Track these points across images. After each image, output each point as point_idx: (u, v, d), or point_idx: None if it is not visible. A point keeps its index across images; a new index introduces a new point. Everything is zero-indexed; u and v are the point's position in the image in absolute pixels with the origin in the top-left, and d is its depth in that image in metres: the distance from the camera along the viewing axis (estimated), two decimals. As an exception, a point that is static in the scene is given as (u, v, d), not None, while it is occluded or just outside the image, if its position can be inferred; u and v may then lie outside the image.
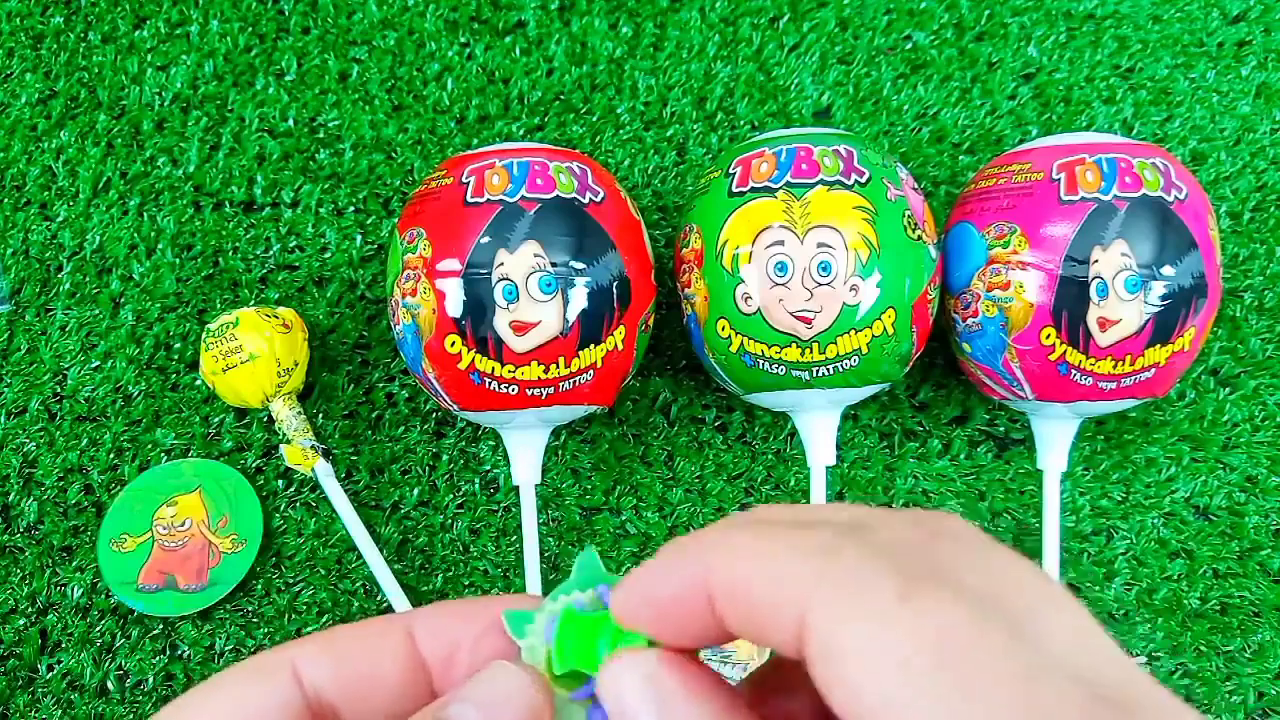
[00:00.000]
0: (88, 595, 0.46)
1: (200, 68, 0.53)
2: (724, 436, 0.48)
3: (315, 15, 0.54)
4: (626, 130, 0.52)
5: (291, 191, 0.51)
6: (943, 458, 0.48)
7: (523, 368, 0.40)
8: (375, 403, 0.49)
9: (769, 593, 0.15)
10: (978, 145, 0.52)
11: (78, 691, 0.45)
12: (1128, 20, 0.54)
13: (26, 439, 0.48)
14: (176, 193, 0.51)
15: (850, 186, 0.40)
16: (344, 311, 0.50)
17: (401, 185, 0.52)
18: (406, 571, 0.47)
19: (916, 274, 0.40)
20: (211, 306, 0.50)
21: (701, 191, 0.43)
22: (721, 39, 0.54)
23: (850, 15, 0.54)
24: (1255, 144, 0.52)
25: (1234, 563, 0.47)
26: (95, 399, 0.49)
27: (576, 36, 0.54)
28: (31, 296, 0.50)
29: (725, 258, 0.40)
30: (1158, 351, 0.40)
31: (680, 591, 0.16)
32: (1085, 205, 0.39)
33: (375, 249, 0.51)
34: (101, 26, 0.54)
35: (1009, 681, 0.12)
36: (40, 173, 0.52)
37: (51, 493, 0.47)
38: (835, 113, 0.53)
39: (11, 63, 0.54)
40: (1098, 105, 0.53)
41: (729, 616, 0.16)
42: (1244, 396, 0.48)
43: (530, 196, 0.40)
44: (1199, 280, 0.39)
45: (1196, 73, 0.53)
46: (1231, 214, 0.51)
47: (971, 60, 0.53)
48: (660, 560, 0.17)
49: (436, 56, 0.53)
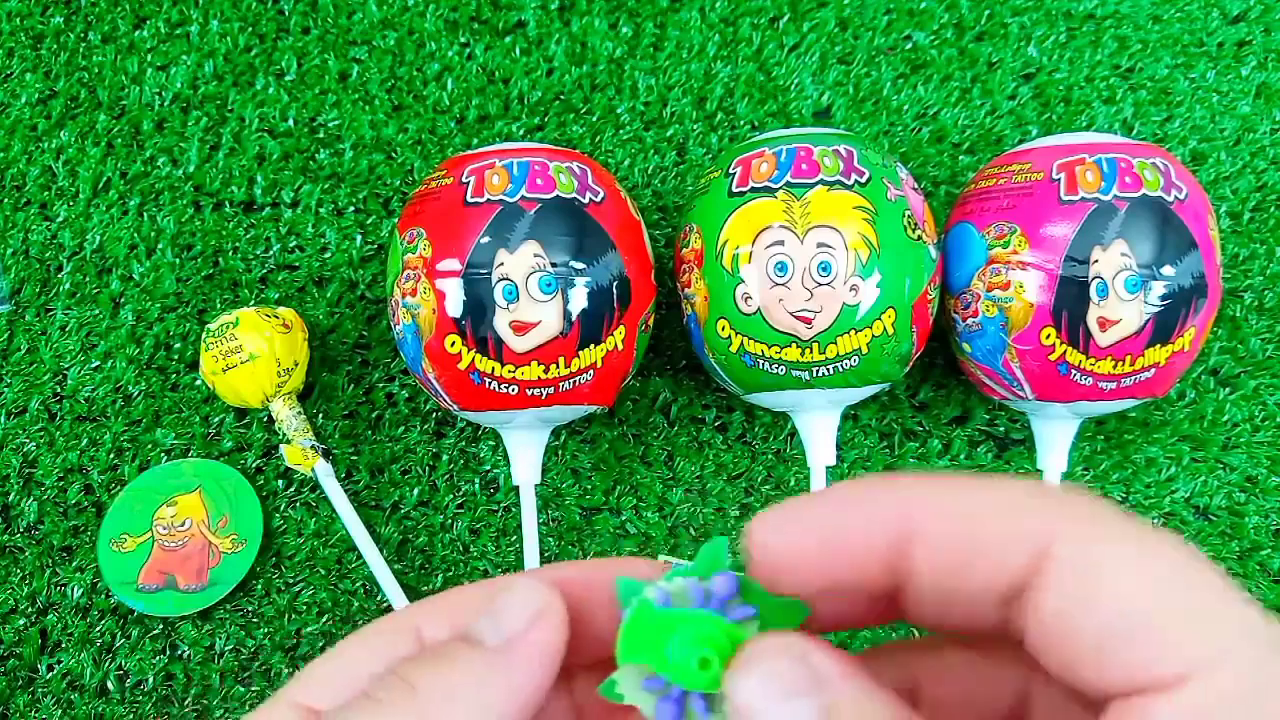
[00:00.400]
0: (88, 595, 0.46)
1: (200, 68, 0.53)
2: (724, 436, 0.49)
3: (315, 15, 0.54)
4: (626, 130, 0.52)
5: (291, 191, 0.51)
6: (943, 458, 0.48)
7: (523, 368, 0.40)
8: (375, 403, 0.49)
9: (1006, 526, 0.14)
10: (978, 145, 0.52)
11: (78, 691, 0.45)
12: (1128, 20, 0.54)
13: (26, 439, 0.48)
14: (176, 193, 0.51)
15: (850, 186, 0.40)
16: (344, 311, 0.50)
17: (401, 185, 0.52)
18: (406, 571, 0.47)
19: (916, 274, 0.40)
20: (211, 306, 0.50)
21: (701, 191, 0.43)
22: (721, 39, 0.54)
23: (850, 15, 0.54)
24: (1255, 144, 0.52)
25: (1234, 563, 0.47)
26: (95, 399, 0.49)
27: (576, 36, 0.54)
28: (31, 296, 0.50)
29: (725, 258, 0.40)
30: (1158, 351, 0.40)
31: (861, 528, 0.15)
32: (1085, 205, 0.39)
33: (375, 249, 0.51)
34: (101, 26, 0.54)
35: (1246, 603, 0.13)
36: (40, 173, 0.52)
37: (51, 493, 0.47)
38: (835, 113, 0.53)
39: (11, 63, 0.54)
40: (1098, 105, 0.53)
41: (930, 559, 0.15)
42: (1244, 396, 0.48)
43: (530, 196, 0.40)
44: (1199, 280, 0.39)
45: (1196, 73, 0.53)
46: (1231, 214, 0.51)
47: (971, 60, 0.53)
48: (836, 494, 0.16)
49: (436, 56, 0.53)
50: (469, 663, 0.16)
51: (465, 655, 0.17)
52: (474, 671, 0.16)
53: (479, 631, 0.17)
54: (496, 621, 0.17)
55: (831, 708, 0.14)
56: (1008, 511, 0.14)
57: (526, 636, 0.17)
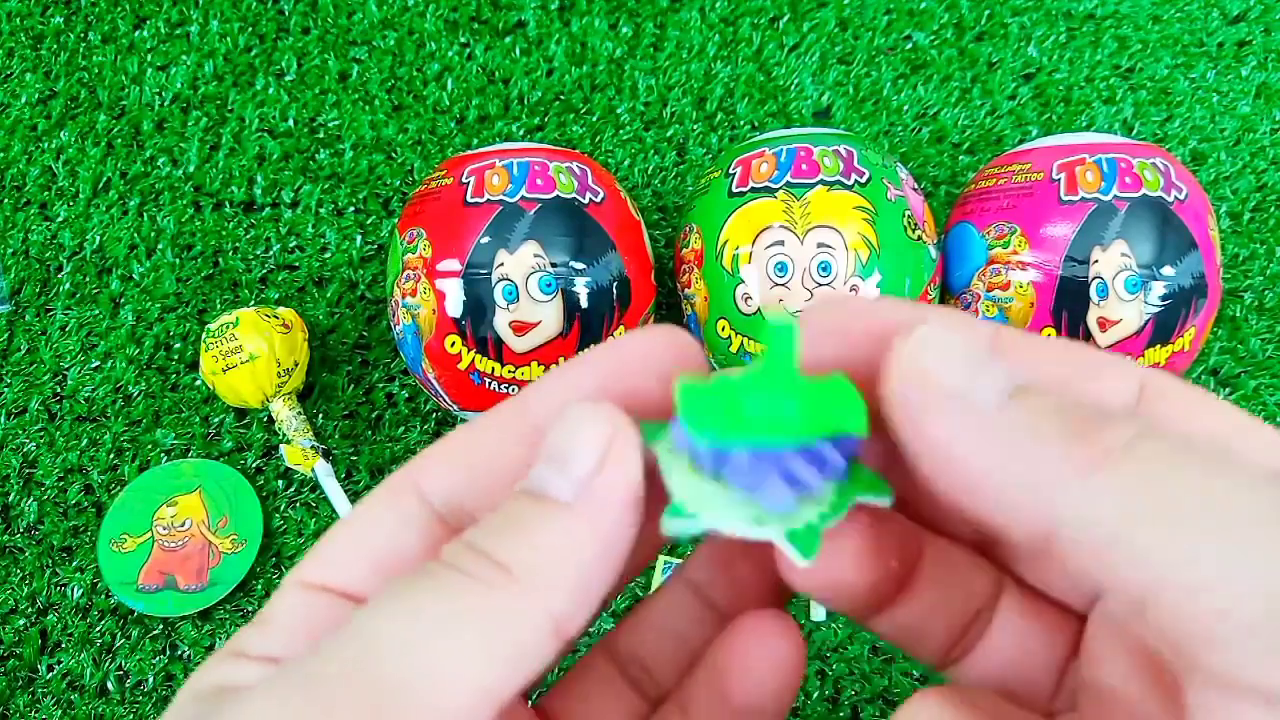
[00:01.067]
0: (88, 595, 0.46)
1: (200, 68, 0.53)
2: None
3: (315, 15, 0.54)
4: (626, 130, 0.52)
5: (291, 191, 0.51)
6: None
7: (523, 368, 0.40)
8: (375, 403, 0.49)
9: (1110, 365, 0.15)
10: (978, 145, 0.52)
11: (78, 692, 0.45)
12: (1128, 20, 0.54)
13: (26, 439, 0.48)
14: (176, 193, 0.51)
15: (850, 186, 0.40)
16: (344, 311, 0.50)
17: (401, 185, 0.52)
18: (406, 571, 0.47)
19: (916, 274, 0.40)
20: (211, 306, 0.50)
21: (701, 192, 0.43)
22: (721, 39, 0.54)
23: (850, 15, 0.54)
24: (1255, 144, 0.52)
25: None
26: (95, 399, 0.49)
27: (576, 36, 0.54)
28: (31, 296, 0.50)
29: (725, 258, 0.40)
30: (1158, 352, 0.40)
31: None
32: (1085, 205, 0.39)
33: (375, 249, 0.51)
34: (101, 26, 0.54)
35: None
36: (40, 173, 0.52)
37: (51, 493, 0.47)
38: (835, 113, 0.53)
39: (11, 63, 0.54)
40: (1098, 105, 0.53)
41: None
42: (1244, 396, 0.48)
43: (530, 197, 0.40)
44: (1199, 280, 0.39)
45: (1196, 73, 0.53)
46: (1231, 214, 0.51)
47: (971, 60, 0.53)
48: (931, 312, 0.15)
49: (436, 56, 0.53)
50: (550, 525, 0.13)
51: (543, 516, 0.14)
52: (555, 532, 0.13)
53: (542, 483, 0.14)
54: (563, 467, 0.14)
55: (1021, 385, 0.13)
56: (1099, 363, 0.14)
57: (602, 479, 0.14)
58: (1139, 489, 0.12)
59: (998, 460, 0.13)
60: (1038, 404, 0.13)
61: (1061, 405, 0.13)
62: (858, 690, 0.44)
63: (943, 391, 0.13)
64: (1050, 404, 0.13)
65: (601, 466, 0.14)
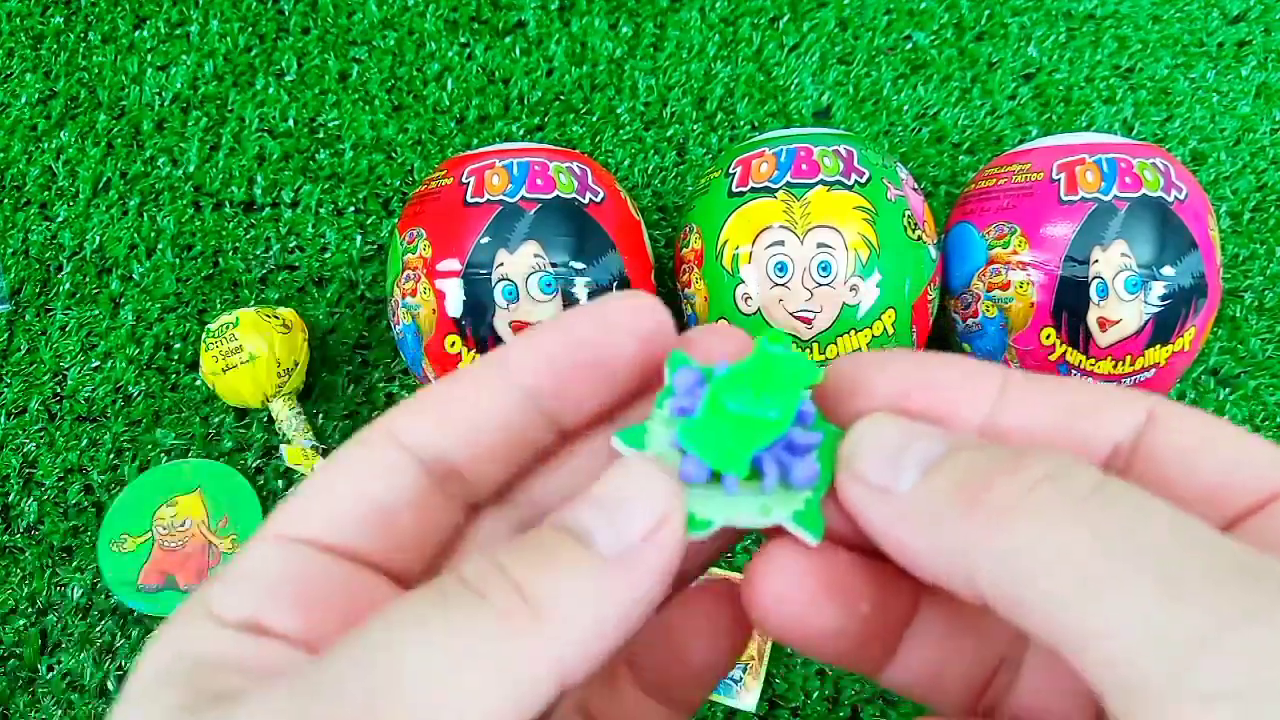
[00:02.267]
0: (88, 595, 0.46)
1: (200, 68, 0.53)
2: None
3: (315, 15, 0.54)
4: (626, 130, 0.52)
5: (291, 191, 0.51)
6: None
7: (523, 368, 0.40)
8: (375, 403, 0.49)
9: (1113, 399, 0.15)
10: (978, 145, 0.52)
11: (78, 691, 0.45)
12: (1128, 20, 0.54)
13: (26, 439, 0.48)
14: (176, 193, 0.51)
15: (850, 186, 0.40)
16: (344, 311, 0.50)
17: (401, 185, 0.52)
18: (406, 571, 0.47)
19: (916, 274, 0.40)
20: (211, 306, 0.50)
21: (701, 192, 0.43)
22: (721, 39, 0.54)
23: (850, 15, 0.54)
24: (1255, 144, 0.52)
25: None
26: (95, 399, 0.49)
27: (576, 36, 0.54)
28: (31, 296, 0.50)
29: (725, 258, 0.40)
30: (1158, 352, 0.40)
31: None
32: (1085, 205, 0.39)
33: (375, 249, 0.51)
34: (101, 26, 0.54)
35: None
36: (40, 173, 0.52)
37: (51, 493, 0.47)
38: (835, 113, 0.53)
39: (11, 63, 0.54)
40: (1098, 105, 0.53)
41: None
42: (1244, 396, 0.48)
43: (530, 197, 0.40)
44: (1199, 280, 0.39)
45: (1196, 73, 0.53)
46: (1231, 214, 0.51)
47: (971, 60, 0.53)
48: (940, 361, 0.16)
49: (436, 56, 0.53)
50: (583, 571, 0.14)
51: (579, 561, 0.14)
52: (590, 582, 0.13)
53: (587, 528, 0.14)
54: (613, 519, 0.14)
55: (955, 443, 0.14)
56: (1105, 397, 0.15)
57: (651, 547, 0.14)
58: (1025, 548, 0.12)
59: (924, 541, 0.14)
60: (945, 474, 0.14)
61: (970, 468, 0.14)
62: (858, 690, 0.44)
63: (869, 486, 0.15)
64: (958, 470, 0.14)
65: (653, 535, 0.14)
